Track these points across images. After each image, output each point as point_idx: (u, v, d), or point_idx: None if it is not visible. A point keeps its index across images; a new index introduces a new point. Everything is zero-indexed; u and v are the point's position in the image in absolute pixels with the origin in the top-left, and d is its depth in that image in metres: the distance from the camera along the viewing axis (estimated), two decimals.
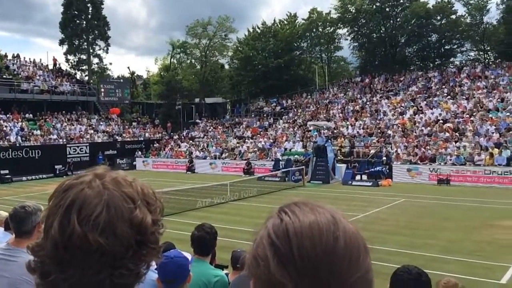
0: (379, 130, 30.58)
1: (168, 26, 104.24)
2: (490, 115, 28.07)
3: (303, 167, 25.66)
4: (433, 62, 48.04)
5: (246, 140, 35.23)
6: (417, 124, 29.99)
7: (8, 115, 34.12)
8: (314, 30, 52.37)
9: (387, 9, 48.01)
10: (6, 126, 32.53)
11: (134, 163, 36.14)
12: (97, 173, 0.98)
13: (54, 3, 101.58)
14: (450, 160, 24.41)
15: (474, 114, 28.79)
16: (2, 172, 28.83)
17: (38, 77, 39.58)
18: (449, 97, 32.97)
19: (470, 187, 22.32)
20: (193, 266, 2.93)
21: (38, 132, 33.84)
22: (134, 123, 43.39)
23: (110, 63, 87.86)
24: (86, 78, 47.24)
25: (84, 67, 49.12)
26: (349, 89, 42.31)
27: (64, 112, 38.33)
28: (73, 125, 36.96)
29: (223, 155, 33.46)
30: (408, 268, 3.09)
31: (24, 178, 29.28)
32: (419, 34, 46.89)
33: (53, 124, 35.78)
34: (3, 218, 4.73)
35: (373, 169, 25.02)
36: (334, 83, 47.34)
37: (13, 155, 30.11)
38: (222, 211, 16.85)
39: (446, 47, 48.03)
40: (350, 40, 51.19)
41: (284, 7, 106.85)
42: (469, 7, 45.62)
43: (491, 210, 16.30)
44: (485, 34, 45.15)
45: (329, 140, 27.94)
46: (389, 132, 29.75)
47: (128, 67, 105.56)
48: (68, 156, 32.94)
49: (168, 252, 2.85)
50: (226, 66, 58.70)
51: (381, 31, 49.19)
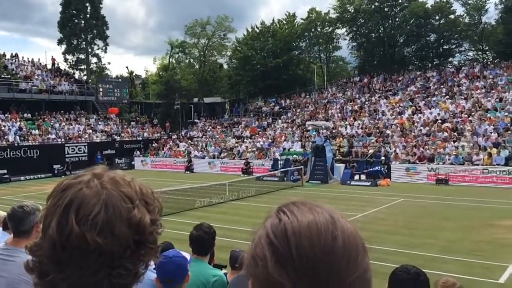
0: (378, 130, 30.60)
1: (167, 26, 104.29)
2: (489, 115, 28.10)
3: (302, 167, 25.65)
4: (432, 62, 48.14)
5: (245, 140, 35.22)
6: (416, 124, 30.02)
7: (7, 115, 34.08)
8: (313, 30, 52.43)
9: (386, 9, 48.09)
10: (5, 126, 32.48)
11: (133, 163, 36.11)
12: (96, 173, 0.98)
13: (53, 3, 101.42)
14: (449, 160, 24.43)
15: (473, 114, 28.82)
16: (1, 172, 28.80)
17: (37, 77, 39.53)
18: (448, 97, 33.01)
19: (469, 187, 22.30)
20: (192, 266, 2.93)
21: (37, 132, 33.79)
22: (133, 123, 43.35)
23: (109, 63, 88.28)
24: (85, 78, 47.20)
25: (83, 67, 49.17)
26: (348, 89, 42.34)
27: (63, 112, 38.29)
28: (72, 125, 36.92)
29: (222, 155, 33.46)
30: (407, 268, 3.09)
31: (23, 178, 29.25)
32: (418, 34, 46.99)
33: (52, 124, 35.73)
34: (1, 218, 4.72)
35: (372, 169, 25.02)
36: (333, 83, 47.36)
37: (12, 155, 30.08)
38: (221, 211, 16.83)
39: (445, 47, 48.11)
40: (349, 40, 51.31)
41: (283, 7, 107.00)
42: (468, 7, 45.72)
43: (490, 210, 16.32)
44: (484, 34, 45.25)
45: (328, 140, 27.95)
46: (388, 132, 29.76)
47: (127, 67, 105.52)
48: (67, 156, 32.91)
49: (167, 252, 2.85)
50: (225, 66, 58.77)
51: (380, 31, 49.25)
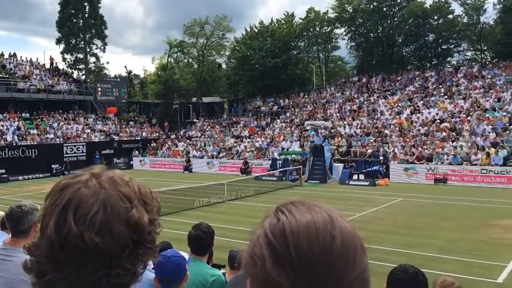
0: (376, 130, 30.62)
1: (165, 25, 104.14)
2: (487, 115, 28.15)
3: (300, 167, 25.67)
4: (430, 62, 48.21)
5: (244, 140, 35.21)
6: (414, 124, 30.04)
7: (5, 114, 34.01)
8: (312, 30, 52.46)
9: (384, 9, 48.16)
10: (3, 125, 32.42)
11: (131, 163, 36.06)
12: (94, 173, 0.98)
13: (51, 2, 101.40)
14: (447, 160, 24.46)
15: (471, 114, 28.86)
16: None
17: (35, 76, 39.47)
18: (446, 97, 33.05)
19: (467, 187, 22.32)
20: (190, 266, 2.93)
21: (35, 132, 33.74)
22: (131, 123, 43.30)
23: (107, 62, 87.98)
24: (83, 77, 47.13)
25: (81, 66, 49.11)
26: (346, 89, 42.36)
27: (61, 111, 38.24)
28: (70, 125, 36.87)
29: (221, 155, 33.44)
30: (405, 267, 3.09)
31: (21, 178, 29.20)
32: (416, 34, 47.05)
33: (50, 124, 35.68)
34: (0, 218, 4.71)
35: (370, 169, 25.04)
36: (331, 83, 47.39)
37: (10, 155, 30.02)
38: (219, 211, 16.83)
39: (443, 47, 48.19)
40: (347, 40, 51.40)
41: (282, 7, 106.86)
42: (466, 7, 45.82)
43: (488, 210, 16.34)
44: (482, 34, 45.34)
45: (326, 140, 27.95)
46: (386, 132, 29.78)
47: (125, 66, 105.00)
48: (65, 156, 32.86)
49: (165, 252, 2.85)
50: (224, 66, 58.77)
51: (378, 31, 49.31)
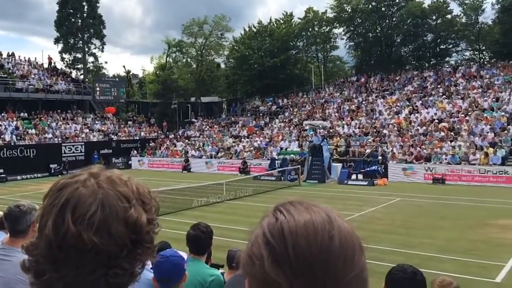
0: (375, 130, 30.64)
1: (164, 25, 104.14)
2: (485, 115, 28.19)
3: (299, 167, 25.68)
4: (429, 62, 48.26)
5: (242, 139, 35.21)
6: (413, 124, 30.08)
7: (3, 114, 33.96)
8: (310, 30, 52.46)
9: (383, 9, 48.19)
10: (1, 125, 32.36)
11: (130, 162, 36.04)
12: (92, 172, 0.97)
13: (49, 2, 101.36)
14: (445, 160, 24.49)
15: (469, 114, 28.90)
16: None
17: (33, 76, 39.42)
18: (444, 97, 33.09)
19: (465, 187, 22.35)
20: (189, 265, 2.93)
21: (33, 131, 33.69)
22: (130, 122, 43.26)
23: (106, 62, 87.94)
24: (81, 77, 47.08)
25: (79, 66, 49.05)
26: (345, 89, 42.39)
27: (59, 111, 38.19)
28: (68, 124, 36.82)
29: (219, 154, 33.43)
30: (403, 267, 3.09)
31: (19, 177, 29.14)
32: (415, 34, 47.08)
33: (48, 123, 35.64)
34: None
35: (369, 169, 25.08)
36: (330, 83, 47.43)
37: (8, 154, 29.97)
38: (218, 210, 16.83)
39: (442, 47, 48.23)
40: (346, 40, 51.43)
41: (280, 6, 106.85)
42: (465, 7, 45.86)
43: (486, 209, 16.37)
44: (480, 34, 45.38)
45: (325, 140, 27.97)
46: (385, 132, 29.82)
47: (124, 66, 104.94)
48: (63, 155, 32.82)
49: (164, 251, 2.85)
50: (222, 65, 58.72)
51: (377, 31, 49.33)
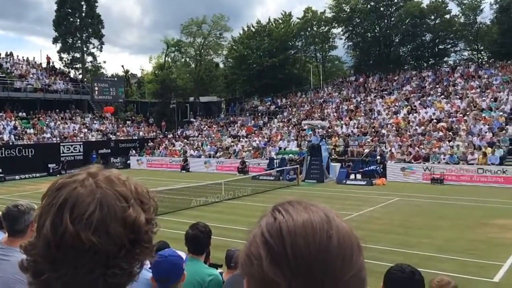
0: (373, 129, 30.66)
1: (162, 25, 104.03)
2: (484, 115, 28.22)
3: (298, 166, 25.70)
4: (427, 62, 48.29)
5: (241, 139, 35.21)
6: (411, 124, 30.11)
7: (1, 114, 33.90)
8: (309, 29, 52.46)
9: (382, 9, 48.20)
10: None
11: (128, 162, 36.01)
12: (90, 172, 0.97)
13: (48, 1, 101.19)
14: (444, 159, 24.52)
15: (468, 114, 28.94)
16: None
17: (32, 76, 39.36)
18: (443, 97, 33.13)
19: (464, 186, 22.39)
20: (187, 265, 2.93)
21: (32, 131, 33.64)
22: (128, 122, 43.22)
23: (104, 62, 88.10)
24: (80, 77, 47.01)
25: (78, 66, 48.96)
26: (344, 88, 42.41)
27: (58, 111, 38.15)
28: (67, 124, 36.78)
29: (218, 154, 33.42)
30: (402, 267, 3.09)
31: (17, 177, 29.08)
32: (413, 34, 47.11)
33: (47, 123, 35.59)
34: None
35: (367, 168, 25.09)
36: (329, 82, 47.44)
37: (6, 154, 29.93)
38: (217, 210, 16.83)
39: (440, 47, 48.27)
40: (345, 40, 51.41)
41: (279, 6, 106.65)
42: (463, 7, 45.90)
43: (485, 209, 16.40)
44: (479, 34, 45.43)
45: (324, 139, 27.97)
46: (383, 131, 29.84)
47: (122, 66, 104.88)
48: (62, 155, 32.78)
49: (162, 251, 2.85)
50: (221, 65, 58.67)
51: (376, 31, 49.35)
